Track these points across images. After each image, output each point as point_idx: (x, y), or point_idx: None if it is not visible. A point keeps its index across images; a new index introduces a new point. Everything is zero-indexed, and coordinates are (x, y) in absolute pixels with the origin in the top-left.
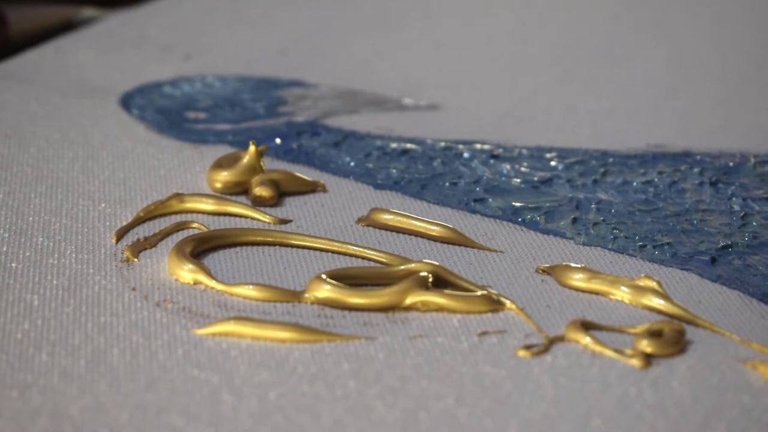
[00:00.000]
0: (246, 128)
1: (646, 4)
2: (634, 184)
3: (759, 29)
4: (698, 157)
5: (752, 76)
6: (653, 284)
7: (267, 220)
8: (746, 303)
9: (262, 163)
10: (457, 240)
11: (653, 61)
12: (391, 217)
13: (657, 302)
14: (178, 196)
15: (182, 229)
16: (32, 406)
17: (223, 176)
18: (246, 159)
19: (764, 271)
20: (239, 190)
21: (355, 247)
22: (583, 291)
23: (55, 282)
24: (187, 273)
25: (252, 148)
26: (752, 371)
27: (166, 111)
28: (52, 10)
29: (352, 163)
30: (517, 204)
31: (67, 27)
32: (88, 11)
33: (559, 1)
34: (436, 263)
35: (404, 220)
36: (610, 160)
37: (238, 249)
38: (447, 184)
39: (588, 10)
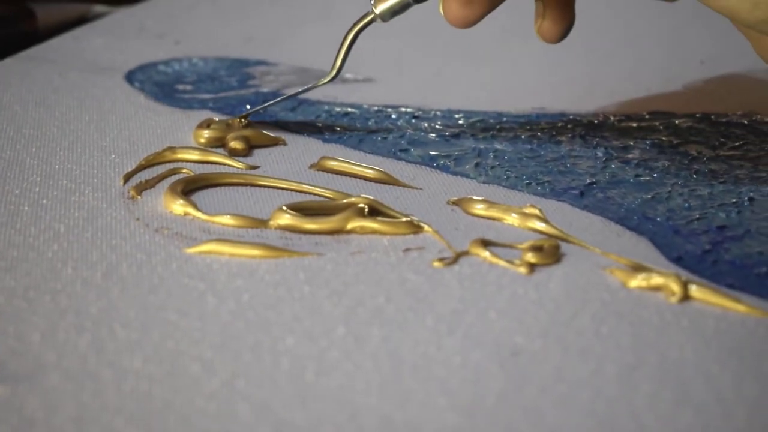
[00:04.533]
0: (223, 97)
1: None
2: (522, 137)
3: (614, 17)
4: (571, 117)
5: (611, 57)
6: (536, 212)
7: (240, 167)
8: (606, 225)
9: (239, 122)
10: (386, 180)
11: (537, 45)
12: (336, 163)
13: (539, 225)
14: (171, 149)
15: (175, 174)
16: (61, 307)
17: (206, 133)
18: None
19: (620, 202)
20: (218, 144)
21: (308, 186)
22: (483, 217)
23: (76, 214)
24: (178, 206)
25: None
26: (610, 275)
27: (160, 84)
28: (71, 7)
29: (306, 123)
30: (433, 153)
31: (82, 20)
32: (99, 8)
33: None
34: (371, 197)
35: (346, 165)
36: (504, 119)
37: (218, 188)
38: (379, 138)
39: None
